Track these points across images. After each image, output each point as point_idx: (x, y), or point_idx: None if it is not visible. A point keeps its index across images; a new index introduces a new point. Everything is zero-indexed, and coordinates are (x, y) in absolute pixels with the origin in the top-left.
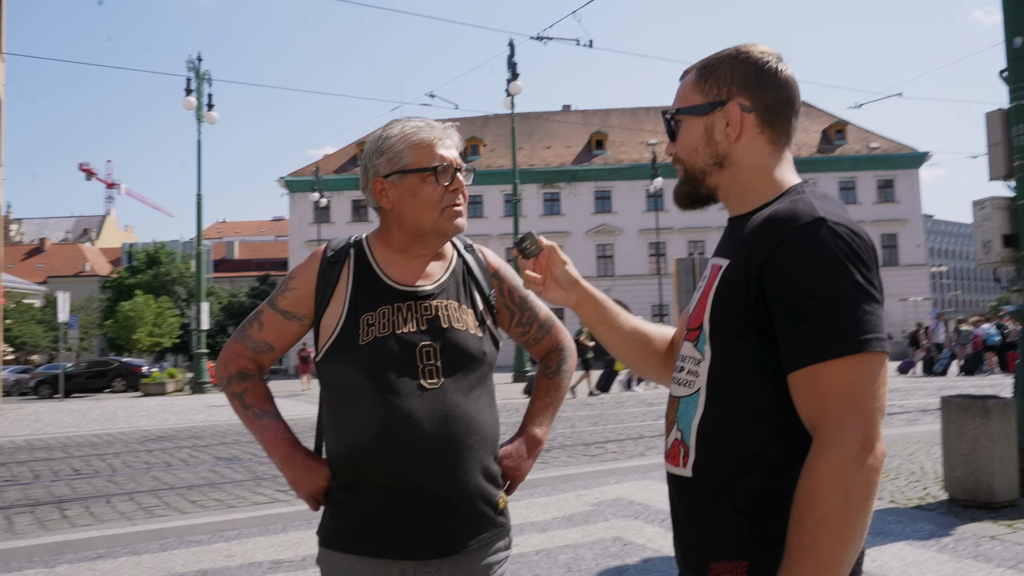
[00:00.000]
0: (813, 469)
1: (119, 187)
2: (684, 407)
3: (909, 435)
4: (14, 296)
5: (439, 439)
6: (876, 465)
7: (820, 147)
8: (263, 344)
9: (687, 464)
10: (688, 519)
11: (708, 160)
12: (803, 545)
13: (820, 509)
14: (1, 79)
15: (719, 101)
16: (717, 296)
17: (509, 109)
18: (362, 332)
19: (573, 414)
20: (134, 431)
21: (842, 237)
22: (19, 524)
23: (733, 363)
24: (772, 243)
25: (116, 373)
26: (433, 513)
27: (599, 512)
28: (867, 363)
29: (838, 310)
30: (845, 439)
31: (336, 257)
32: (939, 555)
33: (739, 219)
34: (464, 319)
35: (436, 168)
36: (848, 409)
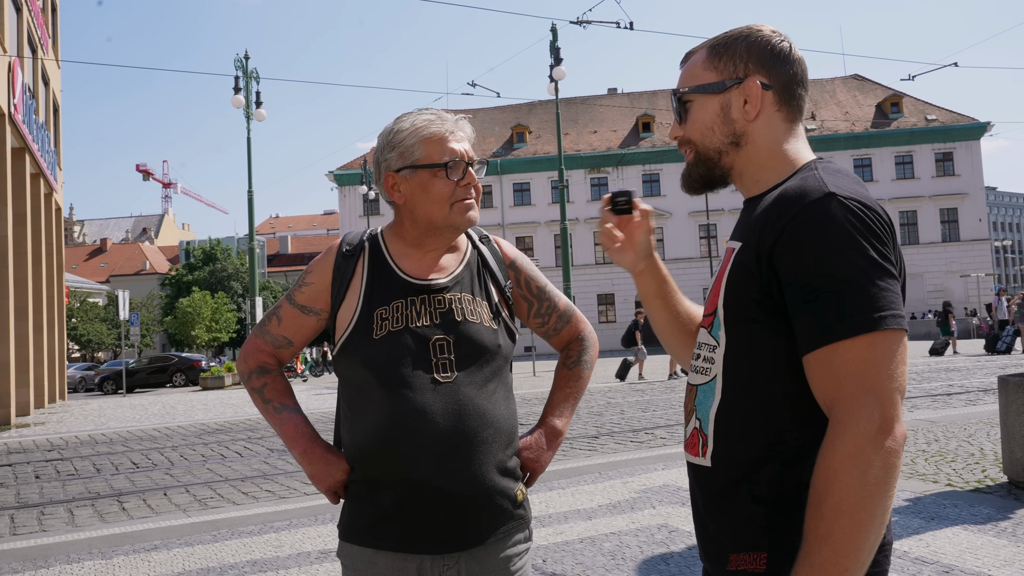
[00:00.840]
0: (828, 453)
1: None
2: (702, 395)
3: (968, 415)
4: (78, 295)
5: (453, 433)
6: (895, 447)
7: (875, 121)
8: (282, 339)
9: (706, 453)
10: (708, 510)
11: (724, 139)
12: (819, 533)
13: (836, 495)
14: (58, 85)
15: (737, 78)
16: (730, 280)
17: (553, 95)
18: (376, 326)
19: (623, 400)
20: (192, 424)
21: (854, 212)
22: (80, 517)
23: (749, 348)
24: (782, 222)
25: (176, 368)
26: (449, 507)
27: (645, 499)
28: (883, 341)
29: (851, 287)
30: (861, 421)
31: (351, 251)
32: (997, 540)
33: (753, 200)
34: (478, 312)
35: (447, 164)
36: (864, 390)
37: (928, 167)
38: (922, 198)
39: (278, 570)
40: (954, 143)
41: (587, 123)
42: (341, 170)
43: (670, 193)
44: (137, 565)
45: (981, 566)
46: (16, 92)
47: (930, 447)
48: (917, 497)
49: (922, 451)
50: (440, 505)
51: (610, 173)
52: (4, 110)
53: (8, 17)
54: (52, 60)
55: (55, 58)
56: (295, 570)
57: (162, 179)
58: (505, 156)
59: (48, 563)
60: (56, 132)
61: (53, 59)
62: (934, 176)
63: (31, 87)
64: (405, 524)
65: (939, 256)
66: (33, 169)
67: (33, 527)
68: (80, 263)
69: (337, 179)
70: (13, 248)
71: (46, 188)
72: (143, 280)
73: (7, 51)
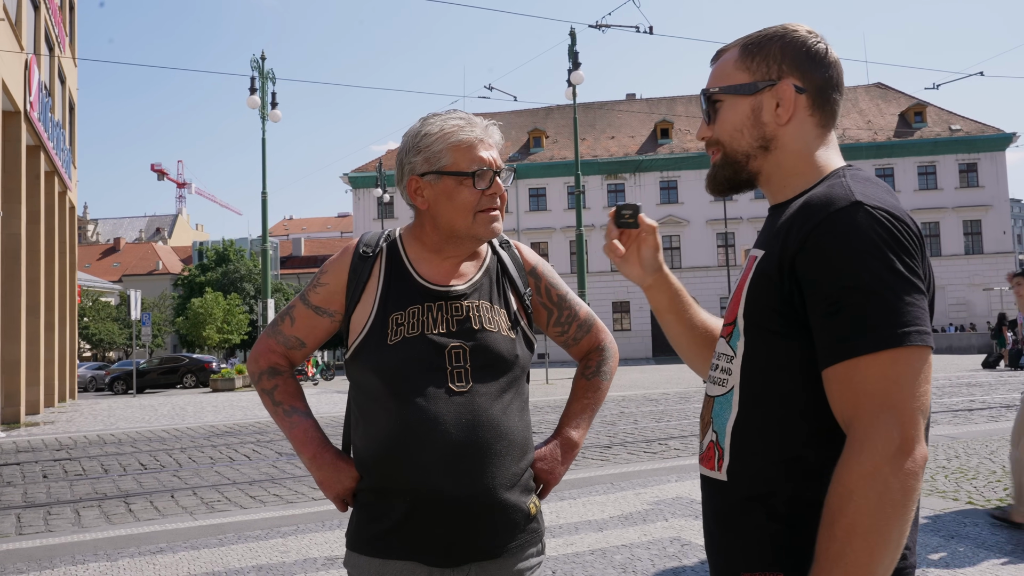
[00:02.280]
0: (844, 472)
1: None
2: (719, 407)
3: (990, 432)
4: (91, 294)
5: (465, 444)
6: (915, 469)
7: (898, 130)
8: (294, 340)
9: (722, 467)
10: (721, 525)
11: (753, 143)
12: (831, 553)
13: (850, 515)
14: (74, 83)
15: (769, 80)
16: (751, 289)
17: (571, 99)
18: (391, 331)
19: (636, 410)
20: (201, 426)
21: (881, 222)
22: (86, 518)
23: (768, 360)
24: (806, 230)
25: (187, 369)
26: (459, 519)
27: (658, 511)
28: (906, 358)
29: (875, 301)
30: (879, 440)
31: (368, 253)
32: (1018, 560)
33: (779, 207)
34: (496, 320)
35: (474, 173)
36: (884, 408)
37: (952, 178)
38: (945, 209)
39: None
40: (978, 154)
41: (605, 128)
42: (356, 172)
43: (688, 201)
44: (142, 568)
45: None
46: (32, 90)
47: (951, 464)
48: (937, 515)
49: (942, 468)
50: (450, 517)
51: (627, 179)
52: (20, 108)
53: (25, 15)
54: (69, 58)
55: (72, 56)
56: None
57: (176, 179)
58: (521, 161)
59: (53, 564)
60: (71, 130)
61: (70, 57)
62: (958, 187)
63: (47, 85)
64: (414, 535)
65: (962, 269)
66: (48, 167)
67: (39, 527)
68: (93, 262)
69: (352, 181)
70: (26, 246)
71: (60, 186)
72: (156, 280)
73: (24, 49)
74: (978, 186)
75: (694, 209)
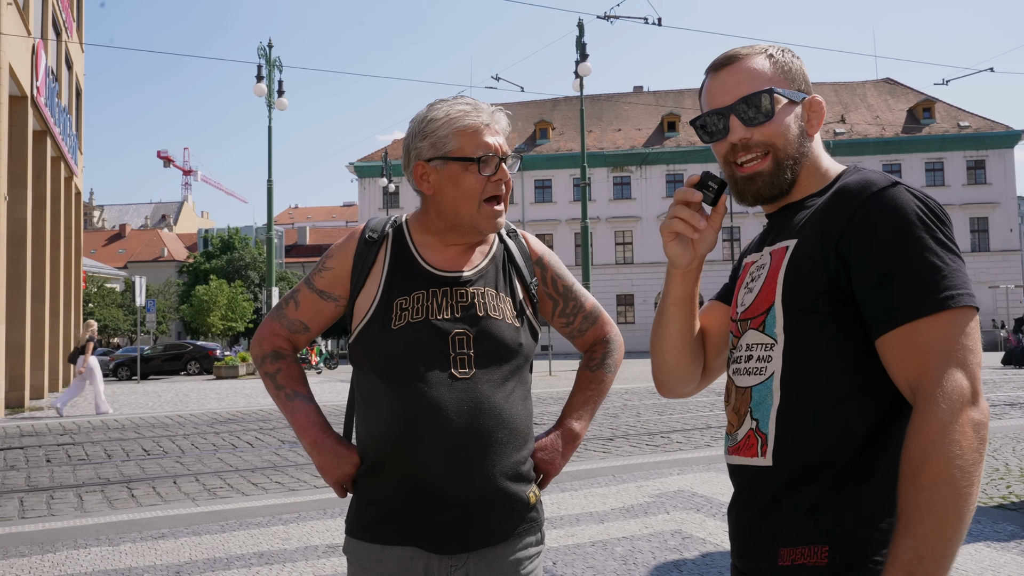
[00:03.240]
0: (922, 425)
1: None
2: (759, 396)
3: (994, 429)
4: (96, 280)
5: (466, 432)
6: (984, 419)
7: (906, 126)
8: (298, 324)
9: (766, 453)
10: (763, 509)
11: (799, 147)
12: (920, 504)
13: (935, 465)
14: (81, 69)
15: (804, 92)
16: (788, 275)
17: (578, 91)
18: (395, 316)
19: (639, 403)
20: (204, 413)
21: (920, 199)
22: (89, 502)
23: (811, 343)
24: (851, 209)
25: (191, 356)
26: (458, 507)
27: (659, 504)
28: (962, 318)
29: (927, 268)
30: (953, 393)
31: (374, 238)
32: (1020, 558)
33: (790, 207)
34: (501, 308)
35: (480, 158)
36: (950, 364)
37: (959, 174)
38: (952, 206)
39: (285, 563)
40: (987, 151)
41: (611, 121)
42: (362, 162)
43: None
44: (144, 552)
45: None
46: (39, 75)
47: None
48: None
49: None
50: (449, 504)
51: (633, 172)
52: (27, 92)
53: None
54: (76, 43)
55: (79, 42)
56: (302, 563)
57: (182, 166)
58: (527, 152)
59: (55, 548)
60: (78, 116)
61: (77, 42)
62: (965, 184)
63: (54, 70)
64: (413, 521)
65: (968, 266)
66: (54, 152)
67: (42, 511)
68: (98, 248)
69: (357, 171)
70: (32, 231)
71: (66, 172)
72: (161, 267)
73: (31, 33)
74: (986, 183)
75: None
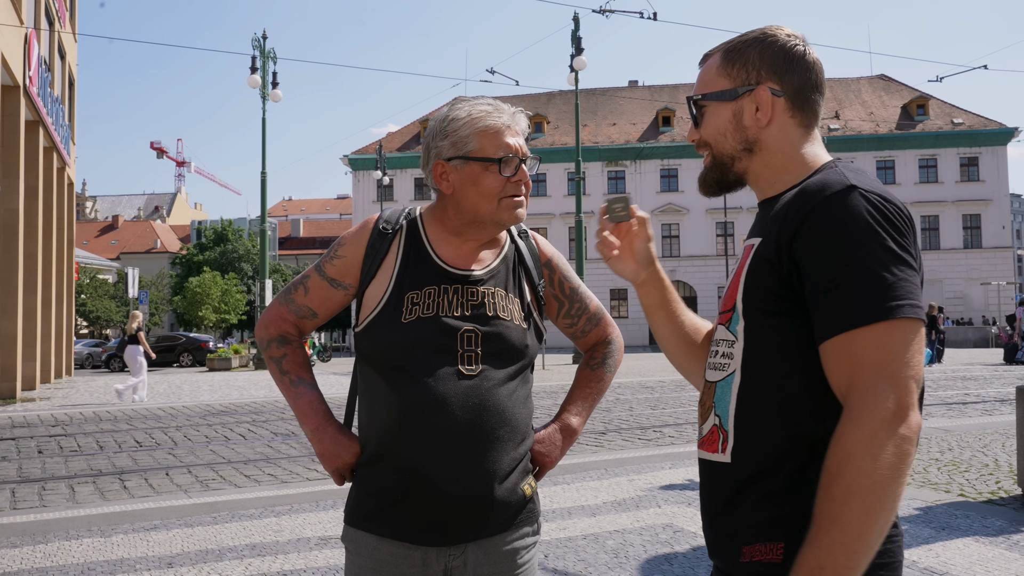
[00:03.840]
0: (843, 436)
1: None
2: (721, 391)
3: (984, 425)
4: (88, 271)
5: (471, 427)
6: (909, 435)
7: (900, 123)
8: (307, 309)
9: (726, 449)
10: (724, 506)
11: (737, 145)
12: (829, 514)
13: (848, 477)
14: (74, 59)
15: (748, 86)
16: (750, 274)
17: (573, 85)
18: (405, 310)
19: (632, 397)
20: (197, 405)
21: (874, 203)
22: (81, 494)
23: (768, 342)
24: (803, 212)
25: (183, 348)
26: (457, 502)
27: (651, 498)
28: (900, 329)
29: (869, 276)
30: (876, 406)
31: (388, 229)
32: (1008, 553)
33: (770, 200)
34: (510, 309)
35: (500, 159)
36: (880, 376)
37: (952, 171)
38: (945, 203)
39: (277, 555)
40: (980, 148)
41: (606, 115)
42: (356, 154)
43: (688, 189)
44: (136, 544)
45: None
46: (32, 64)
47: (943, 456)
48: (928, 506)
49: (935, 460)
50: (448, 500)
51: (628, 166)
52: (19, 82)
53: None
54: (69, 33)
55: (72, 31)
56: (294, 555)
57: (176, 157)
58: None
59: (47, 538)
60: (71, 106)
61: (70, 32)
62: (958, 181)
63: (47, 60)
64: (412, 513)
65: (960, 263)
66: (46, 143)
67: (33, 502)
68: (91, 239)
69: (352, 163)
70: (24, 221)
71: (59, 162)
72: (153, 258)
73: (24, 23)
74: (979, 180)
75: (694, 198)
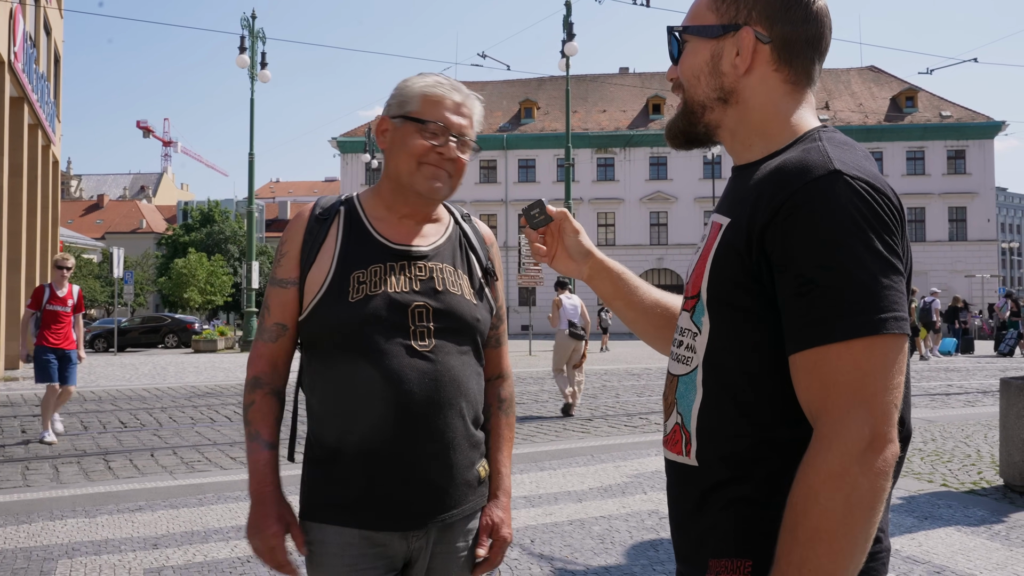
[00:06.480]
0: (810, 470)
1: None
2: (683, 388)
3: (967, 416)
4: (72, 251)
5: (428, 403)
6: (885, 468)
7: (889, 115)
8: (276, 328)
9: (690, 452)
10: (689, 513)
11: (710, 92)
12: (793, 559)
13: (815, 518)
14: (60, 35)
15: (733, 25)
16: (716, 261)
17: (564, 71)
18: (352, 289)
19: (618, 384)
20: (182, 387)
21: (860, 194)
22: (65, 474)
23: (733, 338)
24: (777, 200)
25: (169, 329)
26: (420, 479)
27: (637, 484)
28: (881, 347)
29: (850, 283)
30: (849, 437)
31: (325, 215)
32: (989, 543)
33: (745, 168)
34: (460, 284)
35: (429, 122)
36: (854, 401)
37: (939, 164)
38: (931, 195)
39: None
40: (967, 141)
41: (596, 102)
42: (344, 137)
43: (677, 177)
44: (120, 525)
45: (973, 568)
46: (17, 40)
47: (926, 446)
48: (911, 496)
49: (918, 450)
50: (412, 476)
51: (617, 153)
52: (4, 58)
53: None
54: (55, 9)
55: (58, 7)
56: None
57: (162, 137)
58: (512, 131)
59: (31, 518)
60: (56, 83)
61: (56, 8)
62: (945, 173)
63: (32, 36)
64: (377, 499)
65: (945, 255)
66: (31, 120)
67: (17, 482)
68: (76, 218)
69: (340, 146)
70: (8, 199)
71: (44, 140)
72: (139, 238)
73: None
74: (965, 173)
75: (683, 186)
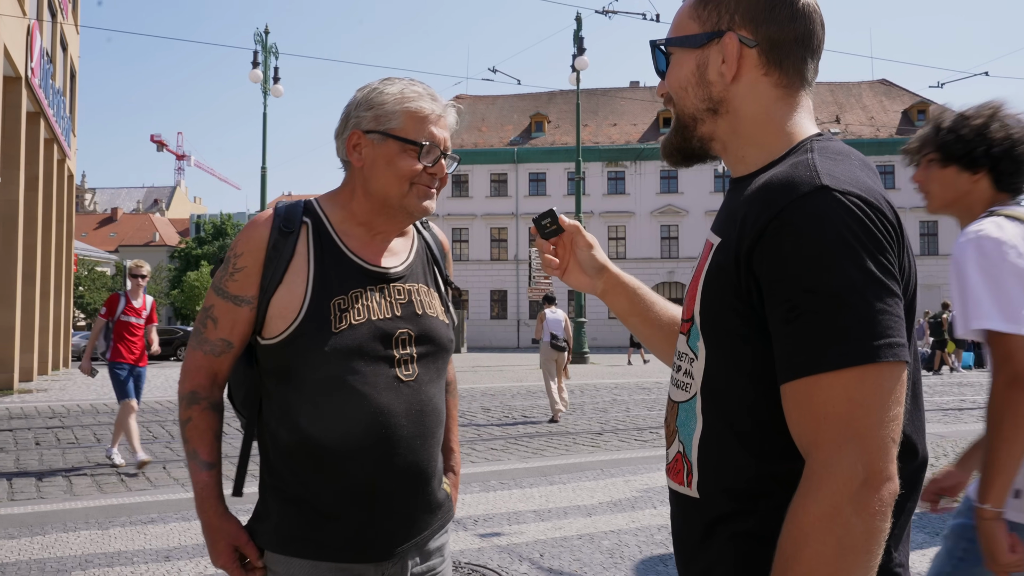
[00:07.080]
0: (800, 512)
1: (188, 159)
2: (684, 415)
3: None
4: (86, 263)
5: (415, 436)
6: (881, 509)
7: (900, 128)
8: (222, 344)
9: (691, 483)
10: (693, 545)
11: (699, 103)
12: None
13: (805, 563)
14: (76, 50)
15: (716, 32)
16: (707, 282)
17: (574, 85)
18: (334, 318)
19: (629, 398)
20: None
21: (851, 211)
22: (78, 486)
23: (730, 364)
24: (763, 219)
25: (181, 342)
26: (400, 512)
27: (647, 499)
28: (875, 376)
29: (840, 308)
30: (841, 475)
31: (290, 227)
32: None
33: (740, 181)
34: (433, 304)
35: (423, 145)
36: (847, 435)
37: None
38: None
39: None
40: None
41: (607, 115)
42: None
43: (688, 191)
44: (133, 537)
45: None
46: (34, 56)
47: (938, 462)
48: (922, 511)
49: (930, 466)
50: (392, 510)
51: (628, 167)
52: (21, 74)
53: None
54: (71, 25)
55: (74, 23)
56: None
57: (176, 151)
58: (522, 145)
59: (44, 530)
60: (72, 98)
61: (72, 24)
62: None
63: (49, 52)
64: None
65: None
66: (47, 134)
67: (31, 493)
68: (90, 231)
69: None
70: (24, 212)
71: (59, 154)
72: (152, 251)
73: (26, 14)
74: None
75: (694, 199)
